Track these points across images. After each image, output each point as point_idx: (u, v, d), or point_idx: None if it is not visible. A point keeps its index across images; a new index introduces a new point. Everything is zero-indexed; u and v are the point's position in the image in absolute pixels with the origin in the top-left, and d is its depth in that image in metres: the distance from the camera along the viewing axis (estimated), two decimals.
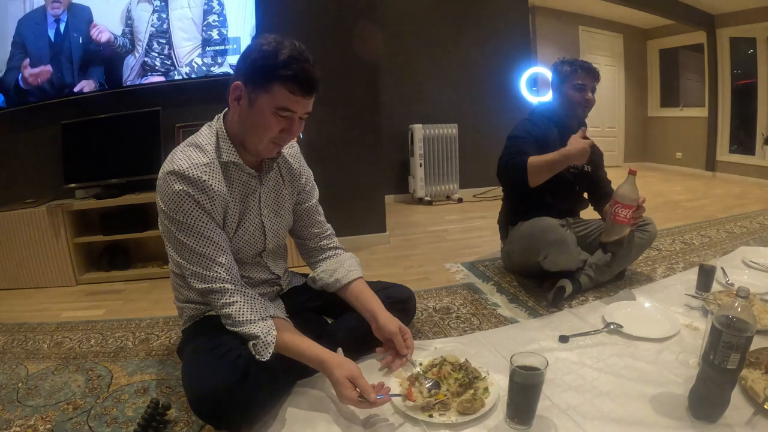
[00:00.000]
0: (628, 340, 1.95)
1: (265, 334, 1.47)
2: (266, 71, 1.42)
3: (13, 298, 3.01)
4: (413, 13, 5.38)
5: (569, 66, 2.53)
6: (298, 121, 1.51)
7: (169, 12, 3.16)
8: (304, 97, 1.45)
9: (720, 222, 4.13)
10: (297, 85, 1.42)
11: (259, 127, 1.48)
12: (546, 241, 2.33)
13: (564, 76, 2.54)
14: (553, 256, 2.35)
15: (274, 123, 1.47)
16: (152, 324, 2.41)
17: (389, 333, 1.70)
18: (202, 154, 1.51)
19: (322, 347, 1.53)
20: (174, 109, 3.30)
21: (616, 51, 8.00)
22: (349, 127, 3.54)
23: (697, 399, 1.44)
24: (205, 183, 1.47)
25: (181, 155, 1.50)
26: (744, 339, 1.29)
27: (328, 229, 1.95)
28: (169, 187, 1.46)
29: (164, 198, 1.48)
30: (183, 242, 1.49)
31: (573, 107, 2.56)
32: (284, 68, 1.41)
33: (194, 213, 1.47)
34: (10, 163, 3.35)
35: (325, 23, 3.34)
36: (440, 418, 1.44)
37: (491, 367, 1.68)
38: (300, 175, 1.83)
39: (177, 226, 1.48)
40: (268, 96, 1.44)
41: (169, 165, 1.48)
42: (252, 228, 1.66)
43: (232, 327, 1.50)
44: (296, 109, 1.46)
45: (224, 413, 1.40)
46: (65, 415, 1.64)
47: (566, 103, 2.57)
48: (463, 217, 4.77)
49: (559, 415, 1.48)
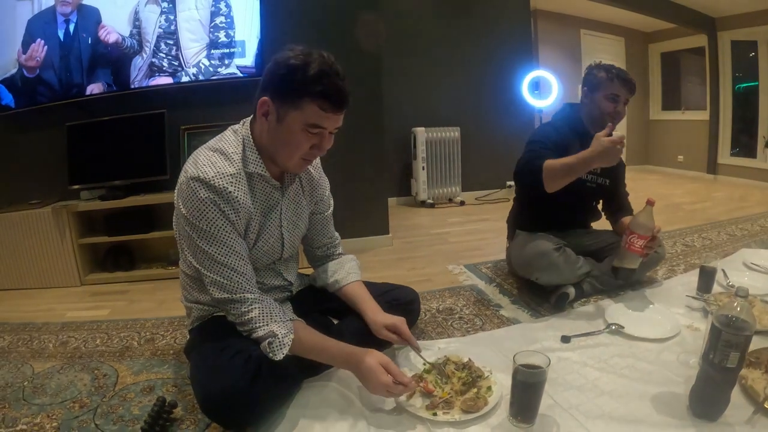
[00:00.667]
0: (630, 340, 1.97)
1: (283, 335, 1.46)
2: (295, 87, 1.39)
3: (17, 298, 3.02)
4: (416, 16, 5.39)
5: (606, 73, 2.36)
6: (329, 137, 1.49)
7: (177, 13, 3.18)
8: (335, 113, 1.43)
9: (721, 224, 4.13)
10: (328, 101, 1.40)
11: (290, 145, 1.47)
12: (537, 266, 2.35)
13: (598, 83, 2.38)
14: (545, 278, 2.37)
15: (304, 140, 1.45)
16: (157, 324, 2.42)
17: (377, 333, 1.72)
18: (228, 162, 1.48)
19: (341, 342, 1.54)
20: (179, 111, 3.31)
21: (617, 54, 7.94)
22: (353, 130, 3.45)
23: (697, 398, 1.46)
24: (231, 194, 1.45)
25: (205, 161, 1.47)
26: (743, 338, 1.31)
27: (337, 238, 1.96)
28: (194, 193, 1.43)
29: (187, 204, 1.46)
30: (204, 250, 1.46)
31: (602, 118, 2.34)
32: (314, 84, 1.37)
33: (218, 222, 1.45)
34: (15, 163, 3.37)
35: (328, 26, 3.36)
36: (444, 417, 1.46)
37: (494, 366, 1.70)
38: (319, 184, 1.83)
39: (199, 234, 1.46)
40: (297, 113, 1.41)
41: (194, 170, 1.45)
42: (272, 240, 1.66)
43: (248, 332, 1.49)
44: (327, 125, 1.44)
45: (234, 414, 1.41)
46: (71, 413, 1.66)
47: (595, 112, 2.39)
48: (465, 219, 4.76)
49: (562, 414, 1.49)
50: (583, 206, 2.65)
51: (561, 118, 2.54)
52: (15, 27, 3.17)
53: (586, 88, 2.43)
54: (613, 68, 2.38)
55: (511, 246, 2.68)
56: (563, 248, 2.36)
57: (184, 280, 1.73)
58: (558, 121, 2.51)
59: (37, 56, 3.18)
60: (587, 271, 2.44)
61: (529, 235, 2.49)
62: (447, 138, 5.39)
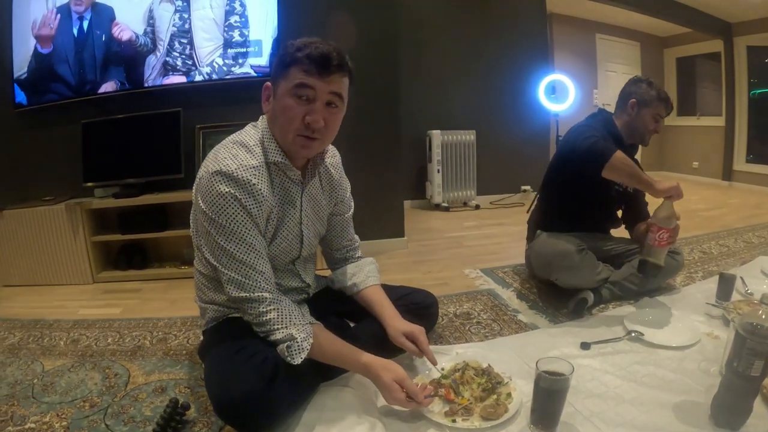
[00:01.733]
0: (650, 347, 1.94)
1: (302, 339, 1.44)
2: (284, 59, 1.44)
3: (29, 294, 3.03)
4: (433, 20, 5.40)
5: (657, 93, 2.42)
6: (324, 107, 1.46)
7: (191, 12, 3.18)
8: (321, 75, 1.41)
9: (738, 231, 4.10)
10: (310, 62, 1.40)
11: (283, 117, 1.45)
12: (558, 266, 2.33)
13: (649, 100, 2.42)
14: (565, 279, 2.37)
15: (294, 106, 1.43)
16: (170, 324, 2.41)
17: (394, 340, 1.69)
18: (250, 155, 1.48)
19: (362, 351, 1.52)
20: (195, 110, 3.31)
21: (633, 59, 7.94)
22: (369, 132, 3.54)
23: (719, 407, 1.44)
24: (254, 186, 1.44)
25: (226, 154, 1.46)
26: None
27: (356, 241, 1.95)
28: (215, 188, 1.41)
29: (207, 198, 1.43)
30: (223, 247, 1.44)
31: (643, 134, 2.48)
32: (299, 51, 1.41)
33: (239, 217, 1.43)
34: (30, 160, 3.38)
35: (346, 27, 3.33)
36: (463, 423, 1.43)
37: (513, 372, 1.67)
38: (339, 185, 1.81)
39: (218, 230, 1.44)
40: (285, 81, 1.43)
41: (214, 164, 1.44)
42: (291, 236, 1.64)
43: (267, 333, 1.47)
44: (314, 85, 1.42)
45: (249, 417, 1.38)
46: (81, 412, 1.64)
47: (638, 124, 2.46)
48: (481, 223, 4.75)
49: (583, 422, 1.46)
50: (609, 211, 2.65)
51: (599, 120, 2.52)
52: (29, 25, 3.20)
53: (636, 101, 2.43)
54: (661, 89, 2.44)
55: (531, 246, 2.65)
56: (585, 250, 2.36)
57: (200, 280, 1.71)
58: (597, 123, 2.48)
59: (50, 23, 3.18)
60: (606, 277, 2.44)
61: (550, 235, 2.47)
62: (462, 141, 5.39)
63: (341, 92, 1.48)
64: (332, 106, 1.48)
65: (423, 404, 1.45)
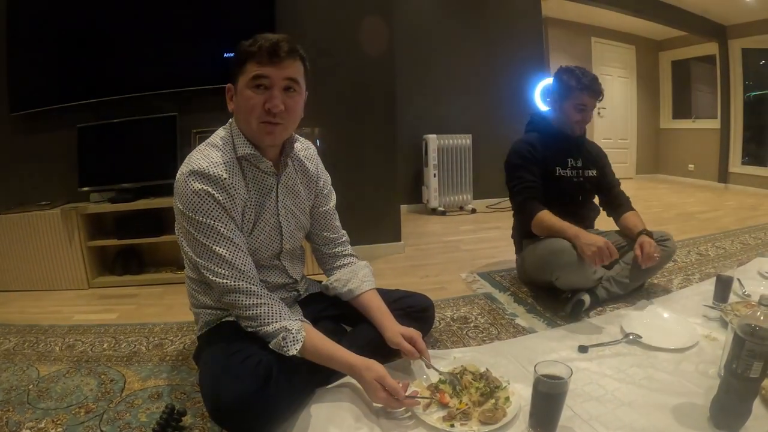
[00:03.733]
0: (648, 350, 1.94)
1: (297, 330, 1.47)
2: (239, 56, 1.51)
3: (24, 300, 3.02)
4: (428, 24, 5.43)
5: (575, 81, 2.44)
6: (281, 92, 1.51)
7: None
8: (272, 62, 1.47)
9: (734, 233, 4.11)
10: (262, 53, 1.46)
11: (245, 108, 1.52)
12: (559, 263, 2.31)
13: (566, 91, 2.47)
14: (565, 278, 2.35)
15: (253, 96, 1.49)
16: (166, 329, 2.40)
17: (392, 343, 1.70)
18: (219, 152, 1.54)
19: (348, 351, 1.53)
20: (191, 114, 3.32)
21: (628, 62, 8.02)
22: (365, 137, 3.56)
23: (718, 409, 1.44)
24: (225, 181, 1.49)
25: (198, 155, 1.52)
26: (767, 347, 1.28)
27: (343, 235, 1.96)
28: (189, 186, 1.46)
29: (183, 198, 1.48)
30: (204, 243, 1.48)
31: (570, 126, 2.53)
32: (250, 46, 1.48)
33: (214, 213, 1.47)
34: (25, 165, 3.38)
35: (340, 33, 3.37)
36: (461, 428, 1.43)
37: (511, 376, 1.67)
38: (318, 177, 1.84)
39: (196, 227, 1.48)
40: (243, 76, 1.50)
41: (187, 166, 1.49)
42: (268, 228, 1.66)
43: (256, 328, 1.48)
44: (268, 74, 1.48)
45: (244, 421, 1.37)
46: (77, 418, 1.63)
47: (564, 119, 2.53)
48: (477, 227, 4.77)
49: (582, 426, 1.46)
50: (578, 202, 2.65)
51: (533, 130, 2.66)
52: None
53: (556, 95, 2.52)
54: (582, 77, 2.44)
55: (521, 256, 2.68)
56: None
57: (190, 286, 1.72)
58: (530, 136, 2.62)
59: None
60: (601, 276, 2.44)
61: (540, 240, 2.47)
62: (458, 145, 5.41)
63: (295, 77, 1.54)
64: (290, 90, 1.54)
65: (404, 403, 1.47)
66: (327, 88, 3.24)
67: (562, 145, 2.57)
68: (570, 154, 2.59)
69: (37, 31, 3.21)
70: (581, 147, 2.66)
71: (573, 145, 2.61)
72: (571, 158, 2.59)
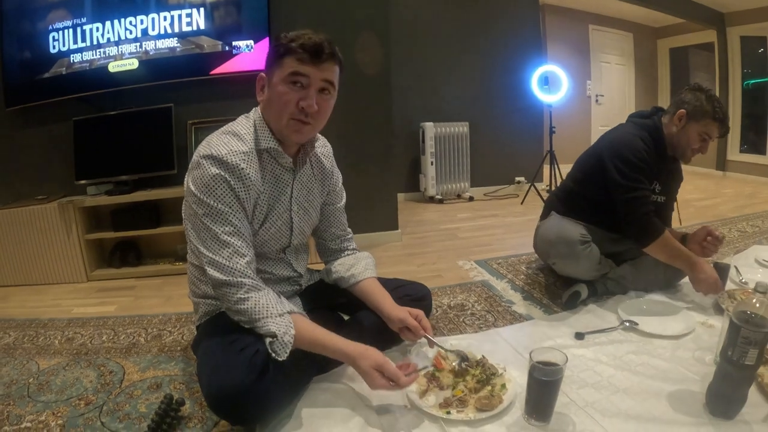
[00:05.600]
0: (644, 337, 1.96)
1: (282, 333, 1.44)
2: (278, 50, 1.50)
3: (23, 294, 3.03)
4: (425, 12, 5.41)
5: (711, 108, 2.18)
6: (317, 93, 1.52)
7: None
8: (313, 63, 1.48)
9: (732, 221, 4.14)
10: (304, 50, 1.46)
11: (278, 102, 1.51)
12: (557, 252, 2.31)
13: (698, 115, 2.20)
14: (561, 266, 2.35)
15: (288, 93, 1.49)
16: (164, 320, 2.42)
17: (399, 320, 1.71)
18: (240, 142, 1.53)
19: (343, 339, 1.53)
20: (186, 106, 3.33)
21: (626, 50, 8.02)
22: (361, 125, 3.56)
23: (714, 396, 1.46)
24: (243, 171, 1.48)
25: (218, 141, 1.52)
26: (762, 335, 1.30)
27: (349, 232, 1.98)
28: (205, 170, 1.46)
29: (197, 181, 1.48)
30: (209, 228, 1.47)
31: (684, 151, 2.30)
32: (291, 42, 1.47)
33: (227, 199, 1.47)
34: (21, 159, 3.38)
35: (336, 20, 3.37)
36: (458, 415, 1.44)
37: (508, 363, 1.69)
38: (332, 174, 1.86)
39: (206, 210, 1.47)
40: (280, 70, 1.50)
41: (206, 149, 1.49)
42: (280, 222, 1.67)
43: (247, 324, 1.48)
44: (308, 73, 1.48)
45: (241, 410, 1.40)
46: (77, 410, 1.65)
47: (682, 141, 2.27)
48: (475, 215, 4.79)
49: (578, 412, 1.48)
50: None
51: (653, 130, 2.33)
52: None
53: (685, 113, 2.23)
54: (719, 107, 2.20)
55: (540, 225, 2.58)
56: (589, 243, 2.28)
57: (192, 273, 1.73)
58: (649, 137, 2.30)
59: None
60: (605, 272, 2.41)
61: (562, 219, 2.43)
62: (456, 133, 5.41)
63: (333, 80, 1.55)
64: (325, 92, 1.55)
65: (406, 384, 1.47)
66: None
67: (661, 166, 2.32)
68: (659, 177, 2.35)
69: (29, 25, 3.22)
70: (671, 173, 2.44)
71: (666, 169, 2.38)
72: (659, 182, 2.35)
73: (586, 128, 7.84)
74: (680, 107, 2.24)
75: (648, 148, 2.24)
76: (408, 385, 1.48)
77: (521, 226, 4.12)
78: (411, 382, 1.49)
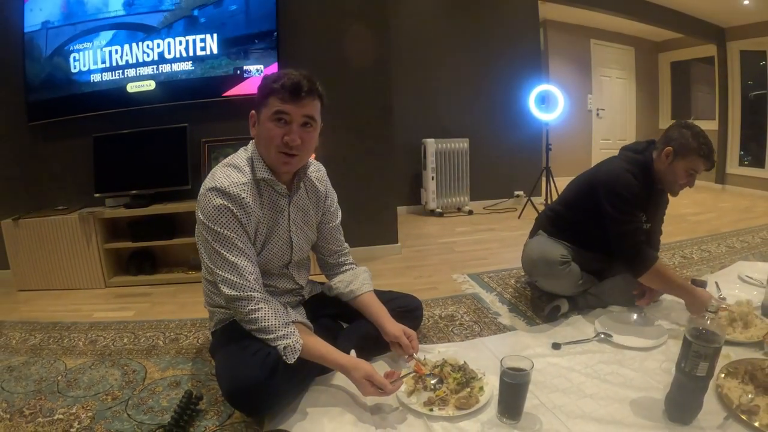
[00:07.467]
0: (617, 348, 2.08)
1: (294, 342, 1.64)
2: (263, 90, 1.68)
3: (46, 298, 3.19)
4: (425, 28, 5.48)
5: (697, 145, 2.24)
6: (299, 128, 1.68)
7: None
8: (293, 100, 1.64)
9: (722, 236, 4.12)
10: (285, 91, 1.62)
11: (266, 138, 1.69)
12: (540, 271, 2.43)
13: (684, 150, 2.26)
14: (543, 284, 2.48)
15: (274, 129, 1.67)
16: (180, 325, 2.58)
17: (394, 337, 1.90)
18: (240, 174, 1.72)
19: (339, 352, 1.73)
20: (200, 125, 3.47)
21: (627, 64, 8.04)
22: (363, 141, 3.67)
23: (671, 403, 1.59)
24: (243, 200, 1.67)
25: (221, 174, 1.70)
26: (712, 349, 1.44)
27: (346, 248, 2.16)
28: (210, 201, 1.65)
29: (204, 211, 1.67)
30: (218, 251, 1.66)
31: (672, 185, 2.37)
32: (274, 82, 1.64)
33: (231, 225, 1.66)
34: (44, 172, 3.54)
35: (338, 39, 3.48)
36: (439, 412, 1.64)
37: (488, 369, 1.83)
38: (326, 197, 2.03)
39: (214, 237, 1.66)
40: (266, 109, 1.67)
41: (211, 182, 1.68)
42: (281, 242, 1.86)
43: (257, 333, 1.66)
44: (289, 111, 1.65)
45: (255, 403, 1.62)
46: (105, 404, 1.83)
47: (669, 177, 2.33)
48: (473, 229, 4.88)
49: (546, 413, 1.64)
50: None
51: (644, 167, 2.39)
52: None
53: (672, 150, 2.28)
54: (704, 143, 2.25)
55: (527, 243, 2.66)
56: (569, 263, 2.38)
57: (206, 287, 1.92)
58: (640, 173, 2.36)
59: None
60: (587, 288, 2.52)
61: (547, 239, 2.54)
62: (456, 149, 5.47)
63: (313, 114, 1.71)
64: (307, 126, 1.71)
65: (392, 391, 1.66)
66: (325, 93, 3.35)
67: (649, 199, 2.41)
68: (647, 210, 2.41)
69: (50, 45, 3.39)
70: (658, 204, 2.54)
71: (653, 202, 2.47)
72: (646, 213, 2.40)
73: (587, 142, 7.87)
74: (668, 144, 2.30)
75: (639, 183, 2.31)
76: (394, 392, 1.67)
77: (515, 241, 4.04)
78: (396, 389, 1.67)
